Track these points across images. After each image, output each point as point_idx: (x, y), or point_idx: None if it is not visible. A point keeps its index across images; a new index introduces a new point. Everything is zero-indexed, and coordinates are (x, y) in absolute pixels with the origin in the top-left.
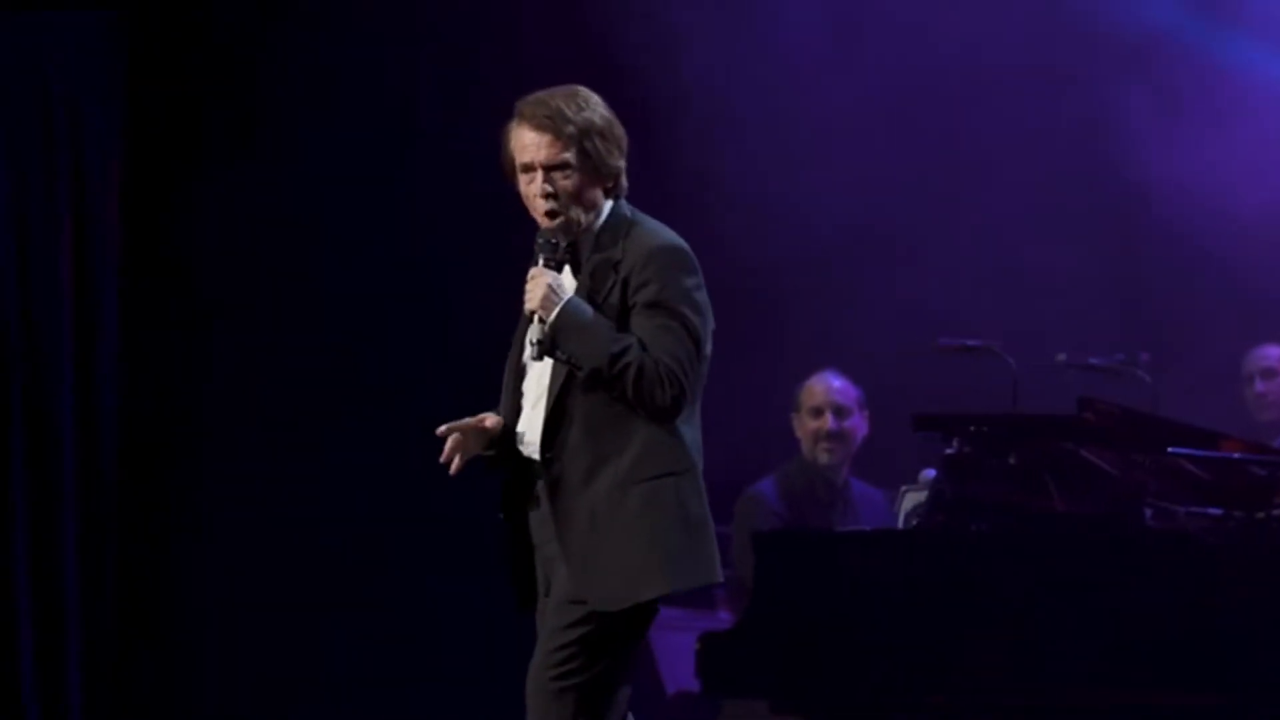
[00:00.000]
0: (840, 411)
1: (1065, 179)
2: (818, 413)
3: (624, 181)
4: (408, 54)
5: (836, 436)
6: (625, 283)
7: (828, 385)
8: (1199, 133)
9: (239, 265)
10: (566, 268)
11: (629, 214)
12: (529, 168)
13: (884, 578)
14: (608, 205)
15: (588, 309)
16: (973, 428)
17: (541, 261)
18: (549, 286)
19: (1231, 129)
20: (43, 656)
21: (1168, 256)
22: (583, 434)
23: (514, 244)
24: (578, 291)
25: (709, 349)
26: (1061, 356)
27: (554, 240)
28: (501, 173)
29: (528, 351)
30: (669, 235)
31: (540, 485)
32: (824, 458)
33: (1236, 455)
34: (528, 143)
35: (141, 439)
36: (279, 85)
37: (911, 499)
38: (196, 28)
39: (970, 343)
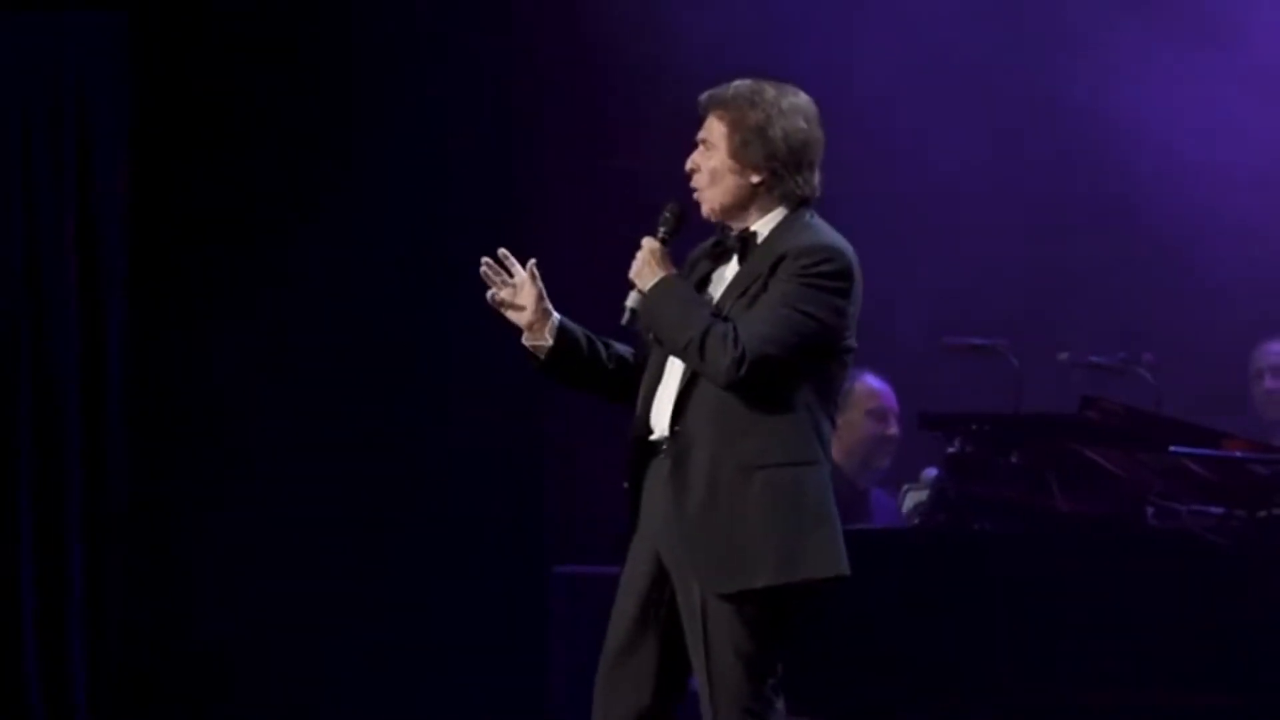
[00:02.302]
0: (895, 418)
1: (1066, 175)
2: (882, 417)
3: (791, 188)
4: (412, 54)
5: (893, 442)
6: (774, 269)
7: (885, 389)
8: (1199, 126)
9: (243, 264)
10: (735, 259)
11: (808, 219)
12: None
13: (885, 576)
14: (783, 208)
15: (684, 288)
16: (975, 426)
17: (660, 233)
18: (649, 256)
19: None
20: (47, 656)
21: (1169, 253)
22: (712, 412)
23: (517, 245)
24: (735, 281)
25: (848, 357)
26: (1064, 355)
27: (674, 213)
28: None
29: (624, 316)
30: (833, 237)
31: (661, 465)
32: (884, 463)
33: (1239, 454)
34: None
35: (145, 437)
36: (285, 85)
37: (913, 498)
38: (204, 29)
39: (976, 341)
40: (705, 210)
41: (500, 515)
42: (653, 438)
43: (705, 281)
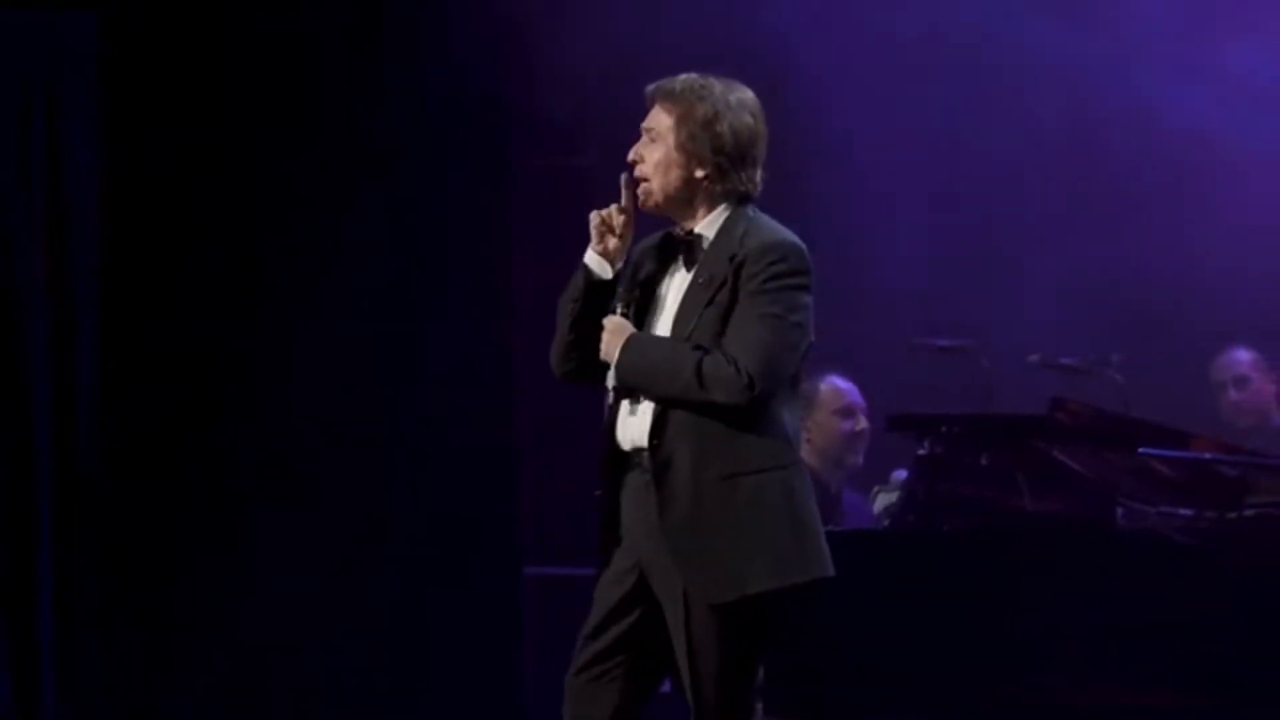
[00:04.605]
0: (863, 413)
1: (1037, 176)
2: (850, 414)
3: (735, 184)
4: (403, 51)
5: (864, 437)
6: (738, 274)
7: (849, 387)
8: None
9: (216, 261)
10: (681, 261)
11: (751, 215)
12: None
13: (855, 577)
14: (725, 206)
15: (648, 338)
16: (945, 428)
17: (618, 310)
18: (610, 332)
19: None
20: (18, 656)
21: (1141, 254)
22: (691, 424)
23: (503, 244)
24: (690, 286)
25: (809, 351)
26: (1034, 356)
27: (625, 301)
28: None
29: (609, 397)
30: (786, 233)
31: (639, 479)
32: (858, 460)
33: (1207, 455)
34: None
35: (124, 437)
36: (257, 82)
37: (883, 499)
38: (174, 27)
39: (943, 342)
40: (649, 202)
41: (473, 517)
42: (626, 449)
43: (654, 284)
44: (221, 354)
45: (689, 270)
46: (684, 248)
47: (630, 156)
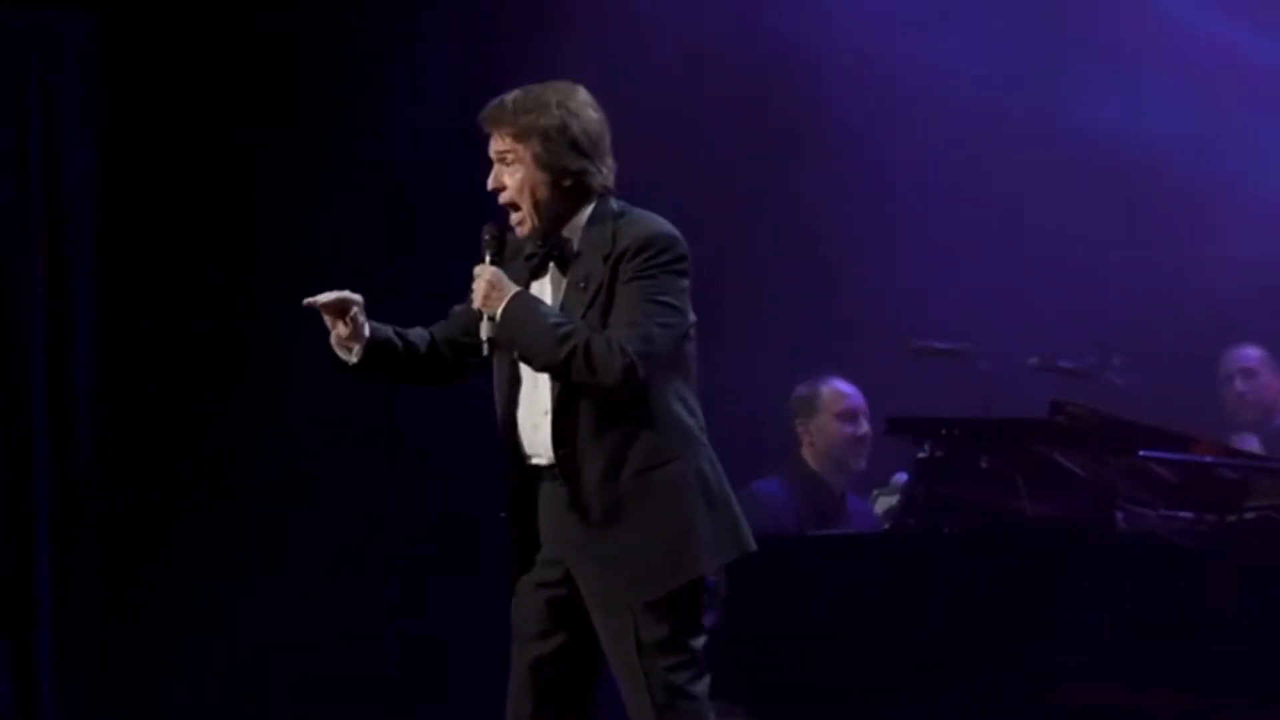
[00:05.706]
0: (865, 417)
1: (1041, 177)
2: (851, 418)
3: (598, 180)
4: (403, 51)
5: (866, 441)
6: (615, 268)
7: (851, 390)
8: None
9: (214, 260)
10: (553, 266)
11: (616, 208)
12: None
13: (855, 580)
14: (591, 204)
15: (533, 302)
16: (944, 431)
17: (487, 258)
18: (489, 283)
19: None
20: (16, 655)
21: (1141, 257)
22: (594, 428)
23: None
24: (568, 289)
25: (693, 331)
26: (1033, 359)
27: (492, 235)
28: None
29: (483, 349)
30: (661, 223)
31: (553, 489)
32: (860, 464)
33: (1208, 458)
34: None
35: (122, 438)
36: (252, 83)
37: (883, 502)
38: (173, 29)
39: (942, 345)
40: (526, 230)
41: (471, 517)
42: (534, 462)
43: (523, 286)
44: (221, 354)
45: (563, 274)
46: (556, 252)
47: (491, 185)
